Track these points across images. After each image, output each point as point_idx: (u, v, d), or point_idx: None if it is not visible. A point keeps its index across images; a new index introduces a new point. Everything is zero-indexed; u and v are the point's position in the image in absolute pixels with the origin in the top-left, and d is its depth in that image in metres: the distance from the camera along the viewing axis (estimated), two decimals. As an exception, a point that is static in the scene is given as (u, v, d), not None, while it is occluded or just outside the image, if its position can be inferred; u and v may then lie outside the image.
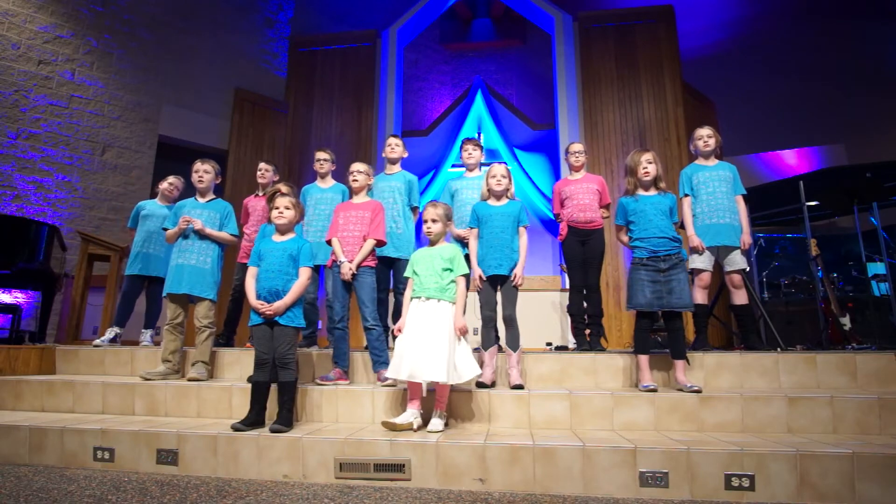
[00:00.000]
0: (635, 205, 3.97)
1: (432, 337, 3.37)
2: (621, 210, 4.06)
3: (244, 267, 5.16)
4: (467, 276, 3.70)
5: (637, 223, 3.94)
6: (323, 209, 4.93)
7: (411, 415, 3.36)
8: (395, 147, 5.01)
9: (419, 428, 3.35)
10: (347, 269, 3.97)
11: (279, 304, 3.46)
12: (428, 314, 3.46)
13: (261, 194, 5.50)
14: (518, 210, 4.03)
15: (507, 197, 4.11)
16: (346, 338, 4.09)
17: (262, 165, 5.58)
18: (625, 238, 4.07)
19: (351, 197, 4.37)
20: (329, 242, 4.18)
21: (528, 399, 3.58)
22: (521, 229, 4.02)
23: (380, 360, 3.99)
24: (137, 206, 5.44)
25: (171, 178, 5.52)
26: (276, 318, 3.46)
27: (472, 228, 4.13)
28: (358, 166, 4.32)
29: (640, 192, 4.00)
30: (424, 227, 3.69)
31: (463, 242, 4.43)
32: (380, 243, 4.13)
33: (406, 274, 3.73)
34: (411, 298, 3.59)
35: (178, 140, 8.40)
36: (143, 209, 5.38)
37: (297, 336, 3.61)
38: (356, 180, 4.26)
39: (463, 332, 3.47)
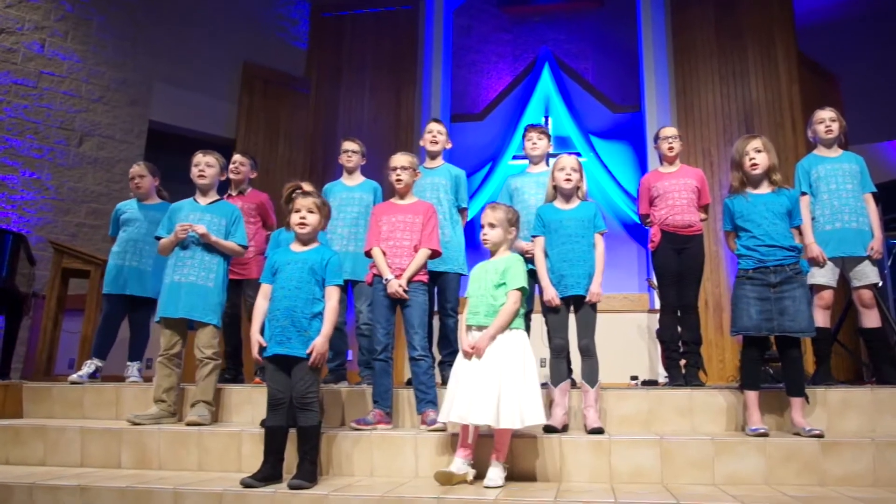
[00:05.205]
0: (744, 205, 3.90)
1: (484, 372, 3.33)
2: (727, 212, 4.02)
3: (233, 284, 5.02)
4: (523, 291, 3.57)
5: (744, 228, 3.88)
6: (350, 211, 4.85)
7: (463, 464, 3.33)
8: (437, 136, 4.93)
9: (474, 479, 3.31)
10: (397, 287, 3.88)
11: (320, 343, 3.41)
12: None
13: (234, 194, 5.45)
14: (593, 213, 4.03)
15: (578, 197, 4.09)
16: (389, 371, 4.01)
17: (236, 158, 5.52)
18: (734, 245, 4.02)
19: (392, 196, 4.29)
20: (368, 254, 4.11)
21: (609, 446, 3.54)
22: (598, 237, 4.01)
23: (426, 399, 3.91)
24: (116, 209, 5.35)
25: (132, 168, 5.39)
26: (294, 352, 3.38)
27: (536, 238, 4.10)
28: (400, 160, 4.19)
29: (749, 189, 3.93)
30: (481, 234, 3.62)
31: (528, 258, 4.31)
32: (435, 254, 4.07)
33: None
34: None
35: (172, 127, 8.43)
36: (122, 212, 5.28)
37: (320, 370, 3.55)
38: (400, 179, 4.16)
39: (475, 354, 3.37)
